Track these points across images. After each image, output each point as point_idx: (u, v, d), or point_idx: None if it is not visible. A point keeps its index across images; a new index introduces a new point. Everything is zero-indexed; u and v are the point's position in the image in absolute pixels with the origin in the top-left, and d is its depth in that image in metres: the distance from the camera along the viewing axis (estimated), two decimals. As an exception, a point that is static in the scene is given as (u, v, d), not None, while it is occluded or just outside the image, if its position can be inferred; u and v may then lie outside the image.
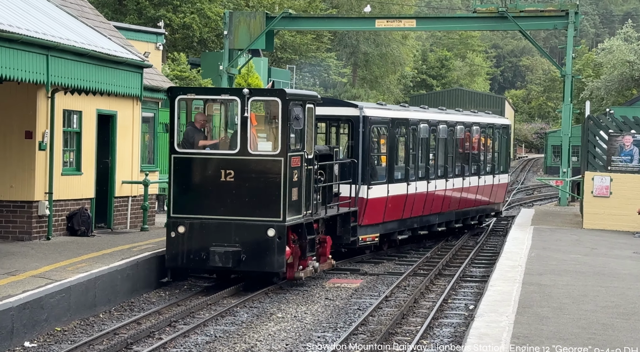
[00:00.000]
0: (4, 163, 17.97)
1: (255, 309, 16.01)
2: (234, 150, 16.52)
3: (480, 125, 28.33)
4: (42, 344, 12.74)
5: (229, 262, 16.10)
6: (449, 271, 21.25)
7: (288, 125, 16.29)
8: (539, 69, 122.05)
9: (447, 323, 15.27)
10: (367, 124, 21.32)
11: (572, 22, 35.51)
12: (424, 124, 24.26)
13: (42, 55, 15.09)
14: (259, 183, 16.39)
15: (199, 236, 16.41)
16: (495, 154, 29.60)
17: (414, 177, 23.54)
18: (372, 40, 77.35)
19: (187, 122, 17.35)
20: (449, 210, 26.01)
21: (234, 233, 16.32)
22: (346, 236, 19.58)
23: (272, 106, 16.68)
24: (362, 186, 20.84)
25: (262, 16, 38.95)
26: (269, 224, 16.26)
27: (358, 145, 21.20)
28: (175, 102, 16.77)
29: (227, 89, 19.70)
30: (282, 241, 16.23)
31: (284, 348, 13.25)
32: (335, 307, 16.55)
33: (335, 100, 23.53)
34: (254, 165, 16.44)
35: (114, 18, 45.18)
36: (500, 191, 30.14)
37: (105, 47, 17.74)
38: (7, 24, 14.02)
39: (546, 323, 12.30)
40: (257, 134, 16.77)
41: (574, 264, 18.34)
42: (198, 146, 16.81)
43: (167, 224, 16.72)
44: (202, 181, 16.68)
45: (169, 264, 16.64)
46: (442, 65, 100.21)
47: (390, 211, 22.25)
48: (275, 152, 16.42)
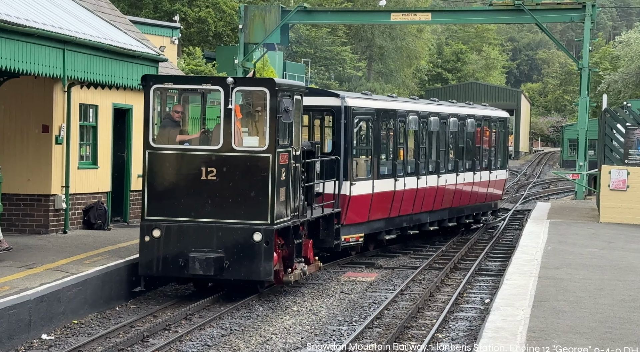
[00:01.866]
0: (21, 157, 18.07)
1: (271, 302, 16.02)
2: (217, 146, 14.97)
3: (476, 118, 26.65)
4: (59, 337, 12.82)
5: (210, 269, 14.61)
6: (465, 264, 21.23)
7: (277, 118, 14.78)
8: (555, 62, 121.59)
9: (463, 317, 15.26)
10: (349, 115, 19.75)
11: (589, 14, 35.35)
12: (413, 116, 22.65)
13: (58, 49, 15.15)
14: (244, 182, 14.84)
15: (177, 241, 14.86)
16: (492, 149, 27.97)
17: (403, 172, 21.99)
18: (387, 34, 77.22)
19: (164, 115, 15.69)
20: (442, 208, 24.46)
21: (215, 237, 14.81)
22: (329, 239, 17.83)
23: (259, 97, 15.13)
24: (345, 182, 19.24)
25: (277, 10, 38.97)
26: (255, 228, 14.74)
27: (340, 137, 19.70)
28: (151, 92, 15.13)
29: (208, 77, 17.56)
30: (270, 246, 14.76)
31: (299, 341, 13.28)
32: (351, 301, 16.56)
33: (317, 90, 21.52)
34: (238, 162, 14.90)
35: (130, 12, 45.30)
36: (497, 187, 28.57)
37: (121, 41, 17.80)
38: (24, 19, 14.09)
39: (562, 317, 12.28)
40: (241, 128, 15.35)
41: (590, 257, 18.29)
42: (175, 141, 15.32)
43: (140, 227, 15.08)
44: (180, 179, 15.08)
45: (142, 271, 15.04)
46: (458, 59, 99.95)
47: (376, 209, 20.78)
48: (263, 148, 14.90)
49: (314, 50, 67.11)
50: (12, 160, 17.91)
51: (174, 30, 36.09)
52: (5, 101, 17.51)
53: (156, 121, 15.37)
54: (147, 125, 15.08)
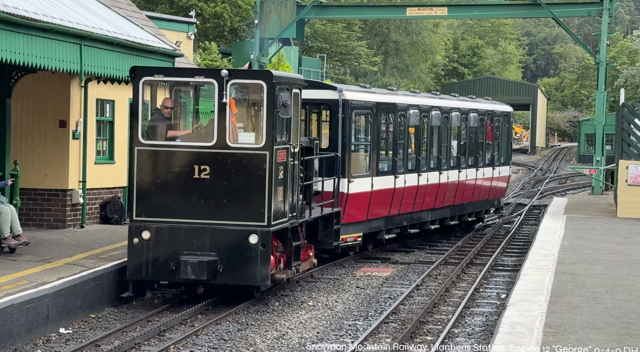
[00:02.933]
0: (38, 152, 18.18)
1: (287, 297, 16.05)
2: (210, 143, 13.98)
3: (479, 112, 25.55)
4: (76, 331, 12.90)
5: (203, 274, 13.66)
6: (481, 259, 21.21)
7: (274, 113, 13.84)
8: (572, 57, 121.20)
9: (479, 312, 15.25)
10: (347, 109, 18.74)
11: (607, 8, 35.16)
12: (413, 110, 21.57)
13: (75, 44, 15.22)
14: (240, 181, 13.89)
15: (168, 243, 13.90)
16: (495, 144, 26.89)
17: (403, 169, 20.94)
18: (403, 29, 77.18)
19: (154, 109, 14.66)
20: (443, 206, 23.43)
21: (209, 240, 13.87)
22: (328, 240, 16.79)
23: (256, 90, 14.19)
24: (342, 179, 18.06)
25: (293, 5, 39.00)
26: (251, 229, 13.80)
27: (337, 133, 18.69)
28: (140, 85, 14.15)
29: (201, 69, 16.10)
30: (267, 249, 13.81)
31: (315, 336, 13.31)
32: (366, 296, 16.58)
33: (313, 83, 20.12)
34: (233, 160, 13.92)
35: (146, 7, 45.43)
36: (500, 184, 27.58)
37: (138, 36, 17.85)
38: (42, 14, 14.16)
39: (579, 312, 12.26)
40: (236, 124, 14.42)
41: (607, 253, 18.24)
42: (166, 137, 14.37)
43: (129, 228, 14.10)
44: (171, 178, 14.09)
45: (130, 276, 14.01)
46: (474, 54, 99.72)
47: (375, 207, 19.78)
48: (259, 144, 13.92)
49: (329, 45, 67.10)
50: (30, 155, 18.04)
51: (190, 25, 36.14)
52: (22, 97, 17.61)
53: (146, 116, 14.52)
54: (135, 121, 14.24)
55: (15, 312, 11.82)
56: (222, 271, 13.82)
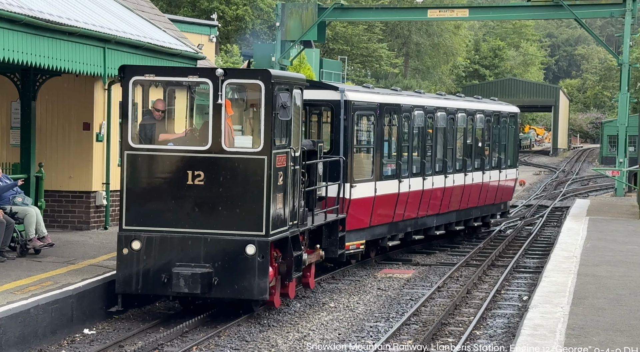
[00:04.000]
0: (63, 154, 18.31)
1: (308, 299, 16.07)
2: (205, 147, 12.98)
3: (485, 113, 24.58)
4: (100, 331, 12.98)
5: (197, 287, 12.68)
6: (502, 261, 21.16)
7: (273, 115, 12.83)
8: (594, 58, 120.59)
9: (501, 314, 15.22)
10: (349, 110, 17.80)
11: (630, 9, 34.97)
12: (418, 111, 20.60)
13: (99, 47, 15.33)
14: (236, 188, 12.92)
15: (159, 254, 12.94)
16: (502, 146, 25.96)
17: (407, 173, 20.03)
18: (424, 31, 77.11)
19: (144, 111, 13.65)
20: (449, 210, 22.43)
21: (203, 250, 12.89)
22: (333, 249, 15.93)
23: (253, 91, 13.22)
24: (344, 184, 16.94)
25: (314, 7, 39.10)
26: (248, 239, 12.81)
27: (339, 135, 17.76)
28: (130, 85, 13.12)
29: (195, 68, 15.00)
30: (265, 260, 12.82)
31: (336, 337, 13.33)
32: (388, 298, 16.58)
33: (315, 82, 19.13)
34: (229, 165, 12.93)
35: (169, 11, 45.64)
36: (507, 187, 26.66)
37: (160, 39, 17.95)
38: (66, 17, 14.28)
39: (602, 314, 12.21)
40: (232, 127, 13.49)
41: (630, 255, 18.15)
42: (158, 141, 13.41)
43: (118, 238, 13.12)
44: (163, 184, 13.09)
45: (120, 289, 13.08)
46: (495, 55, 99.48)
47: (379, 213, 18.82)
48: (257, 149, 12.92)
49: (350, 48, 67.12)
50: (54, 157, 18.17)
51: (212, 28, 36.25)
52: (47, 99, 17.74)
53: (137, 118, 13.52)
54: (125, 123, 13.18)
55: (40, 313, 11.92)
56: (217, 284, 12.86)
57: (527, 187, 46.08)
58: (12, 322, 11.46)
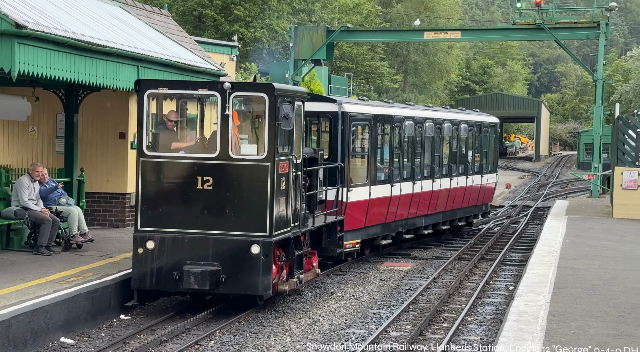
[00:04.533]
0: (101, 160, 18.37)
1: (318, 288, 16.08)
2: (213, 154, 12.67)
3: (469, 123, 24.23)
4: (135, 317, 12.99)
5: (205, 283, 12.40)
6: (491, 255, 21.13)
7: (276, 125, 12.55)
8: (572, 75, 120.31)
9: (490, 302, 15.21)
10: (346, 121, 17.46)
11: (603, 32, 35.01)
12: (409, 121, 20.23)
13: (133, 66, 15.35)
14: (242, 192, 12.59)
15: (171, 253, 12.65)
16: (483, 153, 25.54)
17: (399, 178, 19.63)
18: (421, 50, 77.04)
19: (158, 121, 13.35)
20: (436, 211, 22.05)
21: (212, 249, 12.59)
22: (332, 248, 15.61)
23: (258, 103, 12.93)
24: (342, 188, 16.59)
25: (323, 30, 39.19)
26: (253, 240, 12.49)
27: (337, 143, 17.39)
28: (144, 97, 12.83)
29: (205, 82, 14.44)
30: (268, 259, 12.54)
31: (343, 323, 13.34)
32: (389, 288, 16.58)
33: (315, 95, 18.73)
34: (235, 171, 12.65)
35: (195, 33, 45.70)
36: (488, 190, 26.29)
37: (187, 58, 17.99)
38: (105, 40, 14.33)
39: (579, 302, 12.21)
40: (239, 136, 13.15)
41: (604, 249, 18.12)
42: (170, 149, 13.08)
43: (134, 238, 12.88)
44: (175, 189, 12.80)
45: (135, 285, 12.78)
46: (484, 72, 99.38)
47: (373, 215, 18.46)
48: (261, 156, 12.60)
49: (355, 65, 67.09)
50: (94, 162, 18.23)
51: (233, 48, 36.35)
52: (88, 112, 17.80)
53: (151, 128, 13.15)
54: (140, 132, 12.85)
55: (82, 300, 11.98)
56: (225, 281, 12.54)
57: (513, 190, 45.97)
58: (58, 308, 11.53)
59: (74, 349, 11.31)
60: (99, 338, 11.85)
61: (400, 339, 12.32)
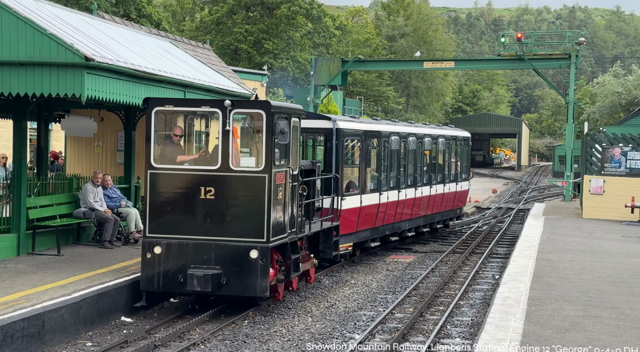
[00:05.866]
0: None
1: (334, 277, 16.09)
2: (215, 166, 11.79)
3: (445, 138, 23.33)
4: (180, 301, 13.05)
5: (208, 286, 11.54)
6: (480, 250, 21.04)
7: (273, 139, 11.73)
8: (548, 98, 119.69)
9: (479, 289, 15.15)
10: (340, 136, 16.66)
11: (574, 62, 35.05)
12: (394, 136, 19.39)
13: (180, 91, 15.42)
14: (241, 201, 11.72)
15: (177, 257, 11.80)
16: (458, 164, 24.59)
17: (386, 187, 18.70)
18: (421, 77, 76.98)
19: (165, 136, 12.47)
20: (418, 216, 21.23)
21: (214, 254, 11.71)
22: (328, 251, 14.78)
23: (256, 119, 12.07)
24: (336, 197, 15.62)
25: (339, 60, 39.31)
26: (252, 245, 11.60)
27: (332, 156, 16.59)
28: (152, 114, 12.01)
29: (207, 100, 13.22)
30: (266, 263, 11.64)
31: (356, 306, 13.33)
32: (394, 277, 16.55)
33: (312, 114, 18.05)
34: (235, 182, 11.75)
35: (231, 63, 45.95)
36: (462, 196, 25.34)
37: (225, 84, 18.07)
38: (157, 69, 14.43)
39: (554, 289, 12.15)
40: (239, 149, 12.41)
41: (575, 244, 18.01)
42: (176, 161, 12.14)
43: (142, 244, 12.04)
44: (180, 198, 11.88)
45: (144, 287, 11.87)
46: (474, 96, 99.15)
47: (364, 221, 17.62)
48: (259, 168, 11.73)
49: (365, 90, 67.12)
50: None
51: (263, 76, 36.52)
52: (143, 129, 17.87)
53: (158, 142, 12.23)
54: (148, 146, 12.01)
55: (139, 286, 12.02)
56: (226, 283, 11.68)
57: (498, 194, 45.73)
58: (119, 292, 11.62)
59: (132, 326, 11.39)
60: (153, 318, 11.90)
61: (403, 319, 12.31)
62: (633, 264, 15.12)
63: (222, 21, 56.23)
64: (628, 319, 10.12)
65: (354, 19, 76.80)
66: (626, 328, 9.63)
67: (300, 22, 56.52)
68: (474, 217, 30.36)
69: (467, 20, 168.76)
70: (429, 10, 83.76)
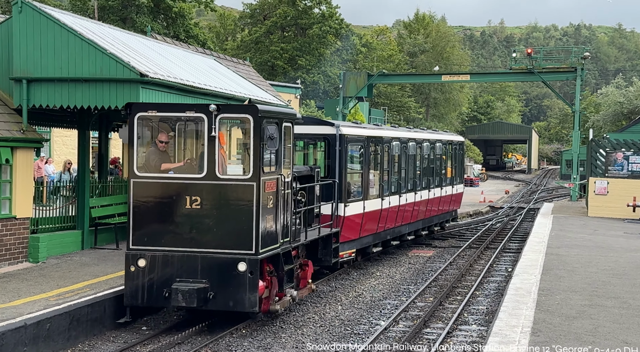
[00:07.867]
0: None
1: (361, 269, 16.07)
2: (201, 175, 10.12)
3: (442, 142, 21.79)
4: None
5: (193, 301, 9.85)
6: (494, 245, 20.87)
7: (261, 145, 10.03)
8: (556, 107, 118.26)
9: (493, 280, 15.03)
10: (343, 142, 15.09)
11: (580, 75, 34.71)
12: (396, 142, 17.85)
13: (224, 103, 15.57)
14: (229, 211, 10.02)
15: (161, 271, 10.14)
16: (453, 167, 23.07)
17: (388, 192, 17.15)
18: (439, 89, 76.57)
19: (148, 143, 10.66)
20: (417, 220, 19.65)
21: (200, 267, 10.06)
22: (327, 258, 13.06)
23: (244, 124, 10.34)
24: (339, 203, 14.31)
25: (365, 74, 39.34)
26: (240, 258, 9.94)
27: (335, 162, 14.97)
28: (135, 120, 10.29)
29: (192, 105, 11.04)
30: (255, 277, 9.96)
31: (381, 295, 13.31)
32: (416, 269, 16.48)
33: (315, 120, 16.58)
34: (222, 191, 10.05)
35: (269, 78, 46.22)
36: (457, 199, 23.81)
37: (263, 97, 18.16)
38: (203, 84, 14.58)
39: (562, 280, 12.01)
40: (226, 156, 10.54)
41: (582, 240, 17.78)
42: (160, 170, 10.38)
43: (126, 256, 10.31)
44: (165, 208, 10.20)
45: (127, 302, 10.23)
46: (488, 105, 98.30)
47: (366, 226, 16.02)
48: (247, 176, 10.02)
49: (389, 101, 66.96)
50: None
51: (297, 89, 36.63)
52: (190, 137, 18.02)
53: (141, 149, 10.55)
54: (131, 154, 10.36)
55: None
56: (213, 298, 10.00)
57: (510, 195, 45.27)
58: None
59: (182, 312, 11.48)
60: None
61: (424, 308, 12.27)
62: (635, 258, 14.88)
63: (261, 40, 56.59)
64: (631, 308, 9.98)
65: (379, 37, 76.77)
66: (629, 316, 9.51)
67: (330, 40, 56.63)
68: (488, 216, 30.09)
69: (482, 38, 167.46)
70: (446, 29, 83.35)
